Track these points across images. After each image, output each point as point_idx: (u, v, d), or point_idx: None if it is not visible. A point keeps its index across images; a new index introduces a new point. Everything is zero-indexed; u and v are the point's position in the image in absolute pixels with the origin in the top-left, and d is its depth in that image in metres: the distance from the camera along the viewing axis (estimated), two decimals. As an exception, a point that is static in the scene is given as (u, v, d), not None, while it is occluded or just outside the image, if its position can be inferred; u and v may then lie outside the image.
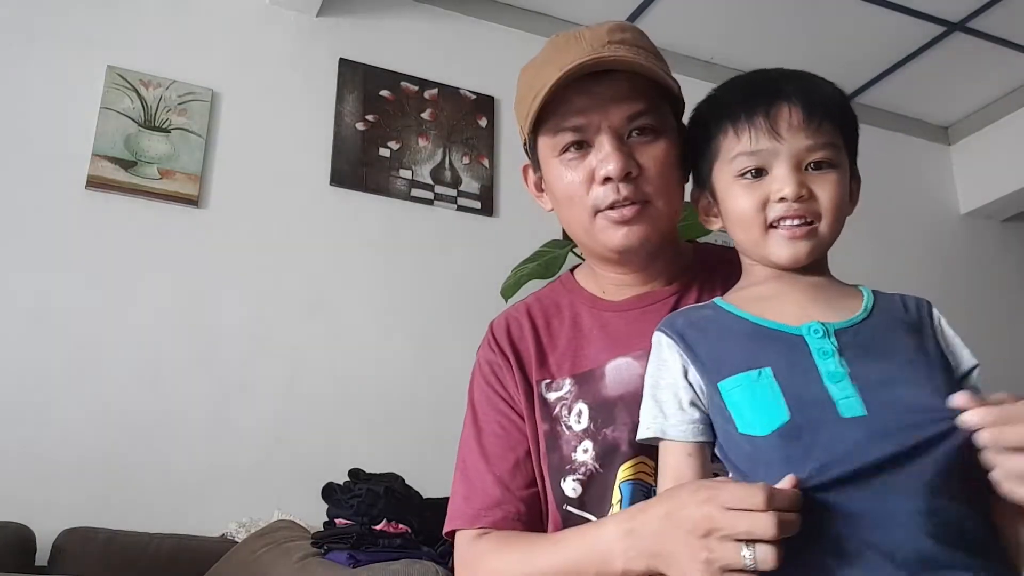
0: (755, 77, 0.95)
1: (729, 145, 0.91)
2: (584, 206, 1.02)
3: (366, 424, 2.66)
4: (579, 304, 1.10)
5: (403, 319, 2.84)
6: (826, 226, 0.89)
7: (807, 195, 0.88)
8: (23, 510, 2.07)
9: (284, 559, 1.70)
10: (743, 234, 0.92)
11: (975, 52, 3.51)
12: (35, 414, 2.34)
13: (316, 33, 3.03)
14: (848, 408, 0.78)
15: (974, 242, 4.04)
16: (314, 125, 2.92)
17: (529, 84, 1.04)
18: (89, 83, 2.66)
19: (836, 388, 0.80)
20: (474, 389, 1.12)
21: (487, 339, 1.13)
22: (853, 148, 0.94)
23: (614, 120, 1.00)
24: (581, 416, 1.01)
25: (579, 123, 1.01)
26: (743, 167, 0.90)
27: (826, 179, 0.88)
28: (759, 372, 0.83)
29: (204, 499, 2.41)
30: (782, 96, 0.89)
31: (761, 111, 0.89)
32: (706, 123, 0.96)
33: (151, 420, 2.45)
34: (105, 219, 2.57)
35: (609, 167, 0.98)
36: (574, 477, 0.98)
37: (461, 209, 3.04)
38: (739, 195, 0.91)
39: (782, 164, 0.88)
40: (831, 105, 0.90)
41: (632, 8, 3.30)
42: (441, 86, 3.14)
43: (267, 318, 2.68)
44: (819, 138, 0.88)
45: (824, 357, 0.82)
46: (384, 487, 1.78)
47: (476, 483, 1.04)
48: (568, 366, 1.05)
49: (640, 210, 1.00)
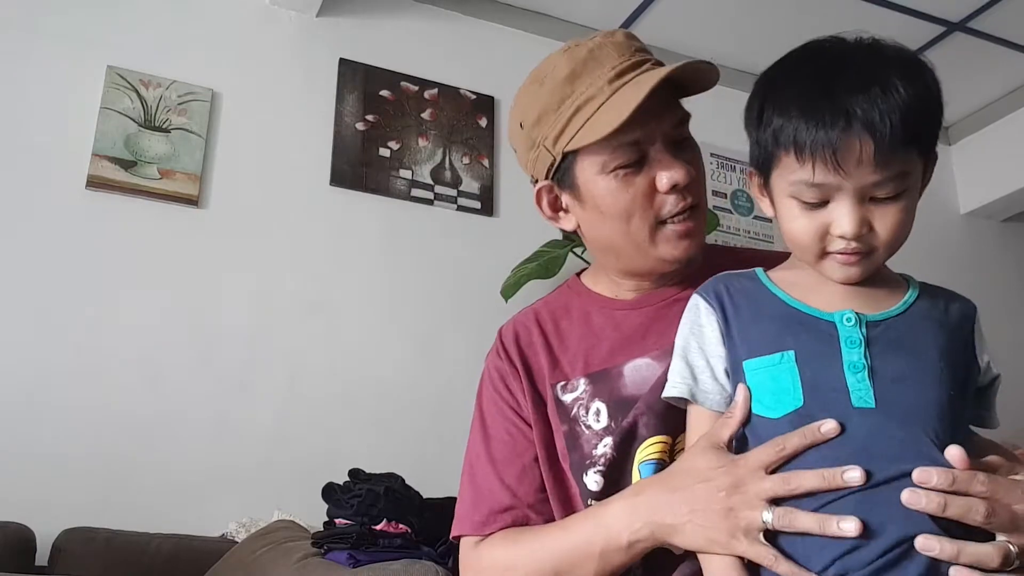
0: (824, 76, 0.83)
1: (790, 165, 0.84)
2: (646, 219, 1.00)
3: (366, 424, 2.66)
4: (589, 304, 1.10)
5: (403, 319, 2.84)
6: (883, 254, 0.86)
7: (867, 231, 0.83)
8: (23, 510, 2.07)
9: (284, 559, 1.70)
10: (798, 251, 0.90)
11: (975, 52, 3.51)
12: (35, 414, 2.34)
13: (316, 33, 3.03)
14: (859, 399, 0.80)
15: (974, 242, 4.04)
16: (314, 125, 2.92)
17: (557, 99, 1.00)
18: (89, 83, 2.66)
19: (854, 379, 0.81)
20: (483, 396, 1.12)
21: (495, 346, 1.13)
22: (932, 140, 0.87)
23: (666, 128, 1.00)
24: (600, 415, 1.01)
25: (638, 136, 0.98)
26: (802, 195, 0.84)
27: (890, 210, 0.83)
28: (781, 355, 0.84)
29: (204, 499, 2.41)
30: (852, 124, 0.79)
31: (826, 142, 0.80)
32: (768, 120, 0.86)
33: (151, 420, 2.45)
34: (105, 219, 2.57)
35: (677, 177, 0.98)
36: (595, 470, 0.99)
37: (461, 209, 3.04)
38: (796, 217, 0.86)
39: (844, 199, 0.82)
40: (908, 124, 0.80)
41: (632, 8, 3.30)
42: (441, 86, 3.14)
43: (267, 318, 2.68)
44: (888, 171, 0.81)
45: (850, 346, 0.82)
46: (384, 487, 1.77)
47: (484, 489, 1.04)
48: (581, 365, 1.05)
49: (696, 218, 1.01)
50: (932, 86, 0.85)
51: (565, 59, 1.01)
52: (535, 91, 1.03)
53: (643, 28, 3.40)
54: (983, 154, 4.00)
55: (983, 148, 4.00)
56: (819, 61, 0.87)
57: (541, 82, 1.02)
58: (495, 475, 1.04)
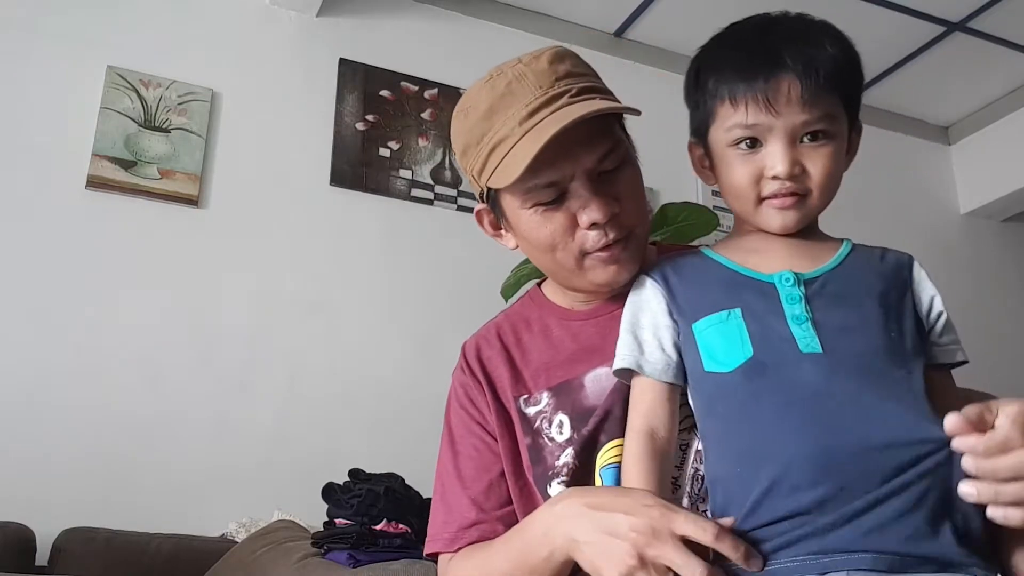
0: (755, 36, 0.92)
1: (725, 113, 0.91)
2: (569, 252, 0.99)
3: (366, 424, 2.66)
4: (548, 316, 1.10)
5: (403, 319, 2.84)
6: (816, 198, 0.91)
7: (800, 171, 0.89)
8: (23, 510, 2.07)
9: (284, 559, 1.70)
10: (736, 203, 0.95)
11: (975, 52, 3.51)
12: (35, 414, 2.35)
13: (316, 33, 3.03)
14: (806, 346, 0.83)
15: (974, 242, 4.04)
16: (314, 125, 2.92)
17: (477, 134, 0.99)
18: (89, 83, 2.66)
19: (799, 329, 0.85)
20: (450, 412, 1.13)
21: (460, 362, 1.14)
22: (856, 103, 0.94)
23: (587, 164, 0.96)
24: (563, 427, 1.01)
25: (553, 178, 0.96)
26: (738, 137, 0.90)
27: (820, 152, 0.89)
28: (728, 312, 0.88)
29: (204, 499, 2.41)
30: (781, 68, 0.87)
31: (759, 84, 0.88)
32: (704, 81, 0.94)
33: (151, 420, 2.45)
34: (105, 219, 2.57)
35: (595, 215, 0.95)
36: (558, 480, 0.99)
37: (461, 209, 3.04)
38: (733, 165, 0.92)
39: (777, 139, 0.88)
40: (832, 72, 0.88)
41: (632, 8, 3.30)
42: (441, 86, 3.14)
43: (267, 318, 2.68)
44: (816, 111, 0.88)
45: (791, 303, 0.87)
46: (384, 487, 1.78)
47: (453, 506, 1.05)
48: (544, 379, 1.05)
49: (625, 246, 0.99)
50: (854, 51, 0.92)
51: (485, 92, 0.99)
52: (460, 123, 1.02)
53: (643, 28, 3.40)
54: (983, 154, 4.00)
55: (983, 148, 4.00)
56: (748, 26, 0.95)
57: (466, 114, 1.01)
58: (463, 491, 1.05)
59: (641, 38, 3.46)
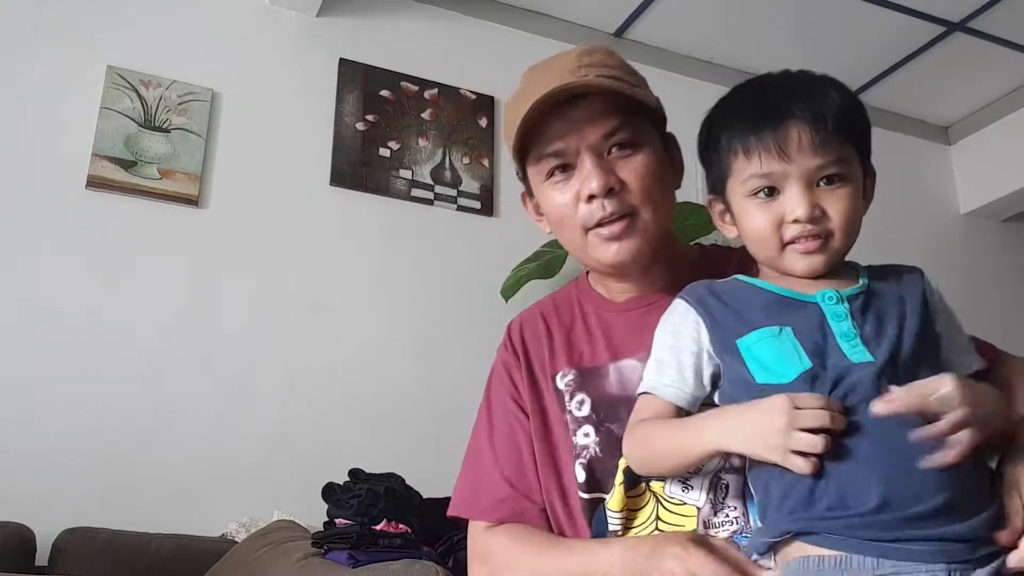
0: (761, 93, 0.96)
1: (740, 165, 0.94)
2: (574, 226, 1.07)
3: (366, 424, 2.66)
4: (587, 303, 1.16)
5: (403, 319, 2.84)
6: (839, 240, 0.93)
7: (820, 214, 0.91)
8: (23, 510, 2.07)
9: (284, 559, 1.70)
10: (760, 250, 0.97)
11: (975, 52, 3.51)
12: (35, 414, 2.34)
13: (316, 33, 3.03)
14: (857, 357, 0.87)
15: (974, 242, 4.03)
16: (314, 125, 2.92)
17: (511, 118, 1.08)
18: (89, 83, 2.66)
19: (848, 344, 0.88)
20: (491, 386, 1.19)
21: (504, 340, 1.20)
22: (866, 148, 0.97)
23: (591, 139, 1.04)
24: (583, 405, 1.07)
25: (559, 148, 1.05)
26: (755, 187, 0.93)
27: (837, 195, 0.92)
28: (780, 329, 0.90)
29: (204, 499, 2.41)
30: (789, 117, 0.91)
31: (769, 134, 0.91)
32: (716, 138, 0.98)
33: (151, 420, 2.45)
34: (105, 219, 2.57)
35: (591, 185, 1.03)
36: (579, 461, 1.05)
37: (461, 209, 3.04)
38: (754, 214, 0.94)
39: (793, 185, 0.91)
40: (839, 118, 0.91)
41: (632, 8, 3.30)
42: (441, 86, 3.14)
43: (267, 318, 2.68)
44: (828, 155, 0.91)
45: (838, 320, 0.90)
46: (384, 487, 1.78)
47: (484, 478, 1.12)
48: (576, 358, 1.11)
49: (628, 224, 1.04)
50: (858, 100, 0.96)
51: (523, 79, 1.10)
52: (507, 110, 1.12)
53: (643, 28, 3.40)
54: (983, 154, 4.00)
55: (983, 148, 4.00)
56: (754, 86, 0.99)
57: (510, 102, 1.11)
58: (495, 466, 1.11)
59: (641, 38, 3.45)
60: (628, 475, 1.00)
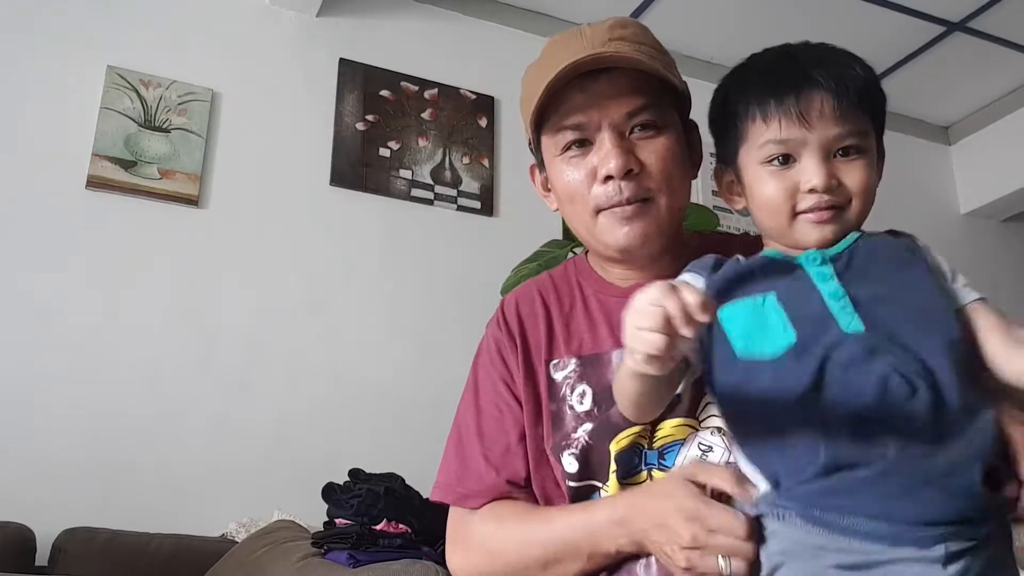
0: (783, 58, 0.93)
1: (757, 131, 0.91)
2: (586, 204, 1.02)
3: (366, 424, 2.66)
4: (588, 285, 1.11)
5: (403, 319, 2.84)
6: (853, 212, 0.90)
7: (836, 184, 0.89)
8: (23, 510, 2.07)
9: (284, 559, 1.70)
10: (770, 220, 0.93)
11: (975, 52, 3.51)
12: (35, 414, 2.34)
13: (316, 33, 3.03)
14: (847, 324, 0.83)
15: (974, 242, 4.04)
16: (314, 125, 2.92)
17: (531, 83, 1.03)
18: (89, 83, 2.66)
19: (837, 306, 0.85)
20: (478, 364, 1.14)
21: (497, 316, 1.14)
22: (882, 125, 0.95)
23: (614, 117, 0.99)
24: (584, 398, 1.02)
25: (579, 121, 1.00)
26: (771, 154, 0.90)
27: (854, 166, 0.90)
28: (763, 297, 0.87)
29: (204, 499, 2.41)
30: (812, 84, 0.88)
31: (791, 99, 0.88)
32: (732, 104, 0.94)
33: (151, 420, 2.45)
34: (105, 219, 2.57)
35: (610, 165, 0.98)
36: (570, 452, 1.00)
37: (461, 209, 3.04)
38: (767, 182, 0.91)
39: (811, 153, 0.89)
40: (862, 90, 0.90)
41: (632, 8, 3.30)
42: (441, 86, 3.14)
43: (267, 318, 2.68)
44: (848, 126, 0.89)
45: (823, 280, 0.87)
46: (384, 487, 1.78)
47: (470, 463, 1.07)
48: (575, 346, 1.06)
49: (642, 207, 1.00)
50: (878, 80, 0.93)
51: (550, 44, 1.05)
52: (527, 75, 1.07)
53: (643, 28, 3.40)
54: (983, 154, 4.01)
55: (983, 148, 4.01)
56: (776, 52, 0.95)
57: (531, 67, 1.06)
58: (481, 451, 1.06)
59: (641, 38, 3.46)
60: (621, 462, 0.97)
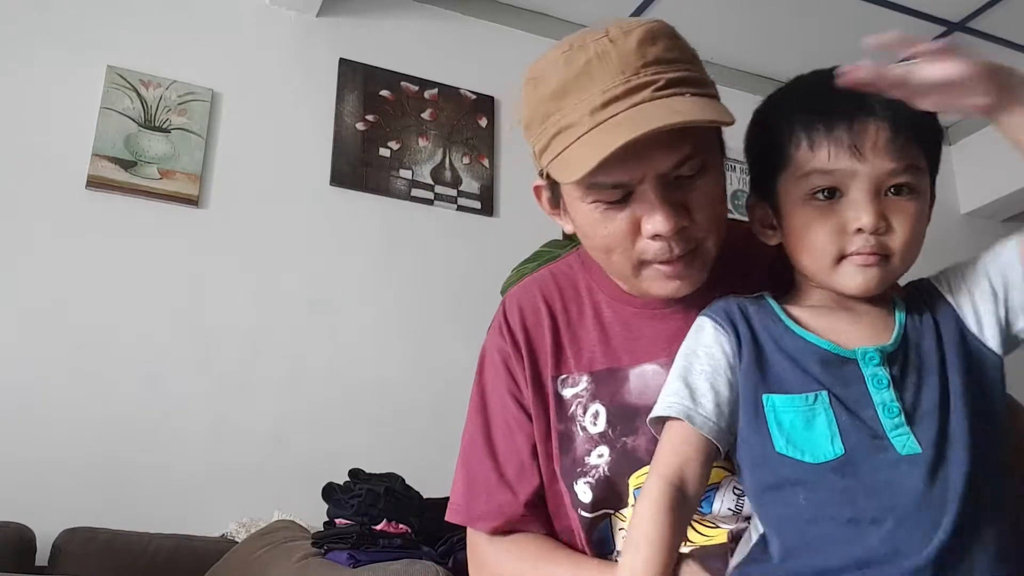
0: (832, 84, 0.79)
1: (802, 158, 0.82)
2: (627, 256, 0.90)
3: (366, 424, 2.66)
4: (598, 292, 1.01)
5: (403, 319, 2.84)
6: (899, 260, 0.82)
7: (885, 228, 0.80)
8: (23, 510, 2.07)
9: (284, 559, 1.70)
10: (810, 261, 0.84)
11: (975, 52, 3.51)
12: (35, 414, 2.35)
13: (316, 33, 3.03)
14: (903, 447, 0.77)
15: (974, 242, 3.98)
16: (314, 125, 2.92)
17: (543, 112, 0.89)
18: (89, 83, 2.66)
19: (890, 422, 0.78)
20: (484, 377, 1.05)
21: (500, 324, 1.04)
22: (936, 166, 0.86)
23: (660, 168, 0.85)
24: (598, 418, 0.95)
25: (621, 179, 0.85)
26: (816, 186, 0.81)
27: (906, 209, 0.81)
28: (815, 396, 0.79)
29: (204, 499, 2.41)
30: (868, 111, 0.79)
31: (843, 126, 0.80)
32: (774, 128, 0.85)
33: (151, 420, 2.45)
34: (105, 219, 2.57)
35: (660, 227, 0.85)
36: (585, 480, 0.94)
37: (461, 209, 3.04)
38: (810, 218, 0.82)
39: (860, 188, 0.80)
40: (920, 125, 0.81)
41: (632, 9, 3.29)
42: (441, 86, 3.14)
43: (267, 318, 2.68)
44: (904, 161, 0.80)
45: (879, 388, 0.79)
46: (384, 487, 1.77)
47: (481, 482, 1.01)
48: (587, 362, 0.98)
49: (691, 257, 0.89)
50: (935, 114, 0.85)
51: (560, 66, 0.88)
52: (528, 92, 0.93)
53: (643, 28, 3.40)
54: (983, 154, 4.00)
55: (983, 148, 4.00)
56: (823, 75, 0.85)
57: (535, 84, 0.91)
58: (494, 469, 1.00)
59: (641, 38, 3.46)
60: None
